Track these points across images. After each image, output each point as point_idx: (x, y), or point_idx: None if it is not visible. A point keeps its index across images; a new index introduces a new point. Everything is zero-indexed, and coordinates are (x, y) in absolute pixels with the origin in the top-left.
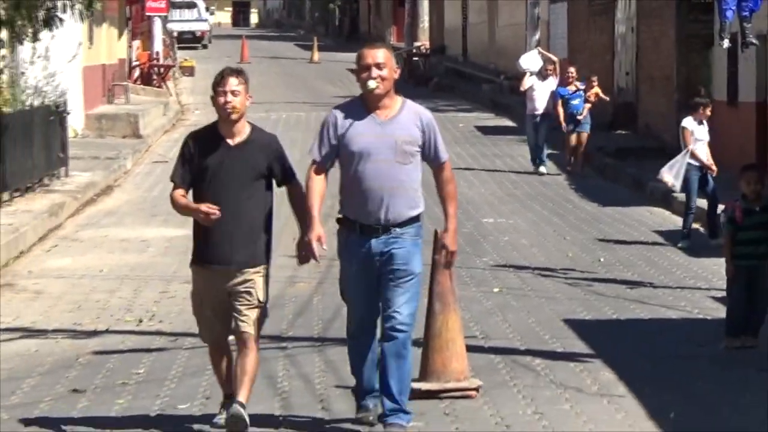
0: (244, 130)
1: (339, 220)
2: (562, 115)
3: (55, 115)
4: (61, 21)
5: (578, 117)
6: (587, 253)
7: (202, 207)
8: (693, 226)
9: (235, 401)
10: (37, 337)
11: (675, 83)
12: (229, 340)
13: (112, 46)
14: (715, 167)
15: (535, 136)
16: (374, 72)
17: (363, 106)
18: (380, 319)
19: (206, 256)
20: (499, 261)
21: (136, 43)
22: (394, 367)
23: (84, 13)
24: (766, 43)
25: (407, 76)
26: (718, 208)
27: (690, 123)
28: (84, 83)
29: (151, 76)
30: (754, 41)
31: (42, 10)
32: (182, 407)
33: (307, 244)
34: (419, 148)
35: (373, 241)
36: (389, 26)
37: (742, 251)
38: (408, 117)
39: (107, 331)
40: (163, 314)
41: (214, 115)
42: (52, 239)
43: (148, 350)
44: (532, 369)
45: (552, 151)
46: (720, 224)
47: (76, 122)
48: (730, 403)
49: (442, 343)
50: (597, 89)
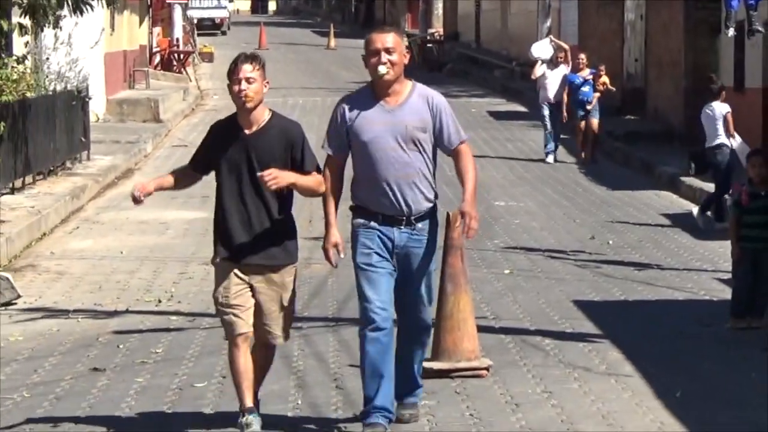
0: (262, 117)
1: (354, 209)
2: (565, 103)
3: (77, 100)
4: (92, 7)
5: (587, 106)
6: (596, 236)
7: (135, 187)
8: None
9: (248, 409)
10: (59, 317)
11: (683, 69)
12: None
13: (134, 32)
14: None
15: (549, 124)
16: (383, 57)
17: (372, 94)
18: (398, 314)
19: (228, 253)
20: (510, 243)
21: (157, 30)
22: (419, 353)
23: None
24: None
25: (421, 62)
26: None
27: (727, 107)
28: (106, 69)
29: (171, 62)
30: (761, 29)
31: None
32: (199, 385)
33: (325, 251)
34: (431, 134)
35: (396, 232)
36: (404, 13)
37: (747, 234)
38: (417, 101)
39: (127, 311)
40: (182, 295)
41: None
42: (74, 221)
43: (167, 330)
44: (541, 349)
45: (564, 136)
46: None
47: (97, 107)
48: (735, 383)
49: (454, 324)
50: (605, 78)
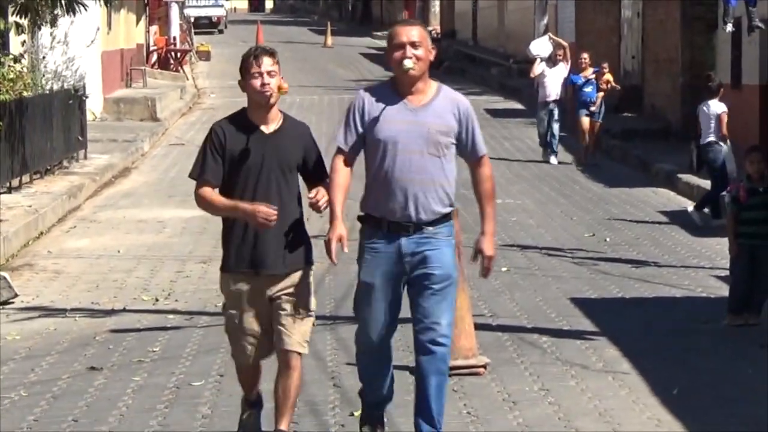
0: (278, 115)
1: (361, 219)
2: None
3: (74, 99)
4: (85, 7)
5: (591, 107)
6: (594, 233)
7: (261, 207)
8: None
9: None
10: (56, 316)
11: (680, 66)
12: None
13: (130, 31)
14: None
15: (547, 123)
16: (409, 51)
17: (394, 90)
18: (415, 331)
19: (242, 262)
20: (507, 241)
21: (154, 29)
22: (434, 386)
23: None
24: None
25: None
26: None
27: (723, 107)
28: (102, 68)
29: (169, 60)
30: (760, 25)
31: None
32: (197, 384)
33: (327, 244)
34: (454, 140)
35: (403, 240)
36: (401, 11)
37: (745, 230)
38: (443, 104)
39: (124, 310)
40: (179, 293)
41: (229, 97)
42: (71, 220)
43: (164, 328)
44: (538, 346)
45: (563, 134)
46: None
47: (94, 106)
48: (733, 379)
49: None
50: (608, 76)
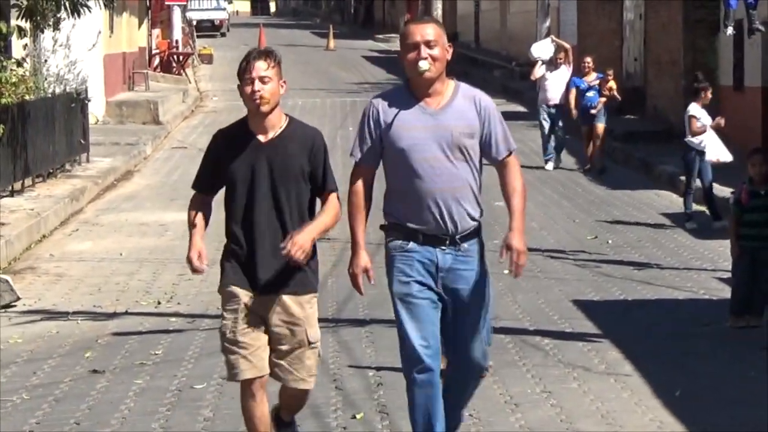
0: (279, 123)
1: (387, 227)
2: (573, 103)
3: (76, 103)
4: (89, 9)
5: (591, 111)
6: (596, 235)
7: (191, 254)
8: (695, 208)
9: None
10: (58, 319)
11: (682, 68)
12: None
13: (133, 34)
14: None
15: (548, 127)
16: (424, 51)
17: (409, 94)
18: (447, 353)
19: (239, 280)
20: None
21: (156, 32)
22: (467, 397)
23: (108, 1)
24: None
25: None
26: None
27: (697, 110)
28: (105, 71)
29: (171, 63)
30: (761, 27)
31: None
32: (199, 387)
33: (352, 277)
34: (479, 141)
35: (439, 253)
36: (403, 13)
37: (747, 233)
38: (463, 103)
39: (126, 313)
40: (181, 296)
41: (231, 100)
42: (73, 223)
43: (166, 331)
44: (541, 348)
45: (567, 136)
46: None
47: (97, 109)
48: (735, 381)
49: None
50: (612, 83)
